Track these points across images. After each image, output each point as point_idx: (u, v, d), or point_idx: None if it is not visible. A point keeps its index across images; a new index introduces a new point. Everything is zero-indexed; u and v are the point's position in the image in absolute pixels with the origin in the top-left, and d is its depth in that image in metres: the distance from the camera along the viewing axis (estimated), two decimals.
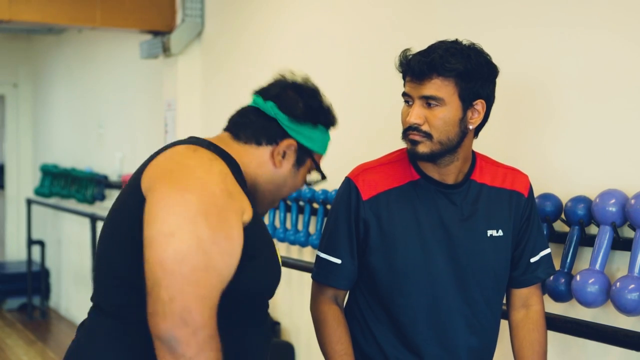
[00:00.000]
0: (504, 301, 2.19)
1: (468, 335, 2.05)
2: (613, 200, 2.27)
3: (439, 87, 1.92)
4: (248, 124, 1.78)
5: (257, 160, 1.77)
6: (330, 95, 1.69)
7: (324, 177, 1.89)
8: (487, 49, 2.06)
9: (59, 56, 7.83)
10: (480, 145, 2.24)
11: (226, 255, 1.54)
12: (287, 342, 4.00)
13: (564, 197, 2.45)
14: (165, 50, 4.93)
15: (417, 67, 1.92)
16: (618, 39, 2.35)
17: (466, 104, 1.95)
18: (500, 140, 2.67)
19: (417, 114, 1.94)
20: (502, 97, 2.61)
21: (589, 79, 2.43)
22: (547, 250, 2.16)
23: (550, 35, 2.55)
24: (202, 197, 1.54)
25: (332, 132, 1.90)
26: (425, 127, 1.94)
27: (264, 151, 1.77)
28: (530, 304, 2.16)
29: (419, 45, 2.03)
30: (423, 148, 1.96)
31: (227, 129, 1.81)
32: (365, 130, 3.42)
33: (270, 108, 1.76)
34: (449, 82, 1.92)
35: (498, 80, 2.05)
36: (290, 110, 1.77)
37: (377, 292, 2.07)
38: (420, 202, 2.03)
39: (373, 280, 2.07)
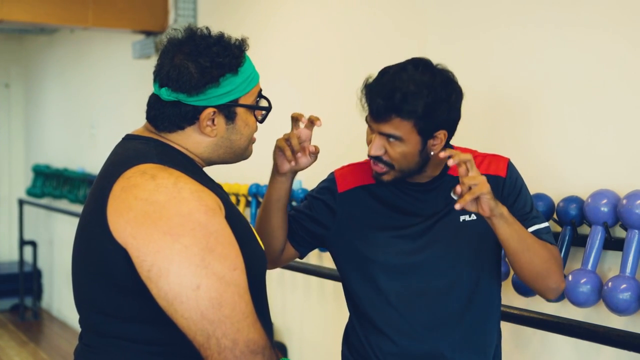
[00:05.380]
0: (503, 302, 2.18)
1: (449, 326, 2.02)
2: (605, 201, 2.27)
3: (397, 127, 1.91)
4: (160, 116, 1.69)
5: (191, 141, 1.70)
6: (323, 95, 1.69)
7: (269, 107, 1.78)
8: (479, 49, 2.06)
9: (51, 56, 7.81)
10: (472, 145, 2.24)
11: (244, 269, 1.56)
12: (280, 342, 4.00)
13: (556, 197, 2.45)
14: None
15: (374, 111, 1.93)
16: (612, 38, 2.35)
17: (426, 137, 1.94)
18: (491, 141, 2.67)
19: (377, 146, 1.96)
20: (494, 97, 2.61)
21: (581, 80, 2.43)
22: (540, 225, 2.05)
23: (542, 35, 2.55)
24: (195, 234, 1.50)
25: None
26: (386, 157, 1.96)
27: (191, 131, 1.69)
28: None
29: (410, 46, 2.02)
30: (387, 177, 1.99)
31: (148, 120, 1.73)
32: (355, 132, 3.41)
33: (167, 95, 1.65)
34: (408, 122, 1.91)
35: (491, 80, 2.05)
36: (185, 86, 1.63)
37: (354, 290, 2.09)
38: (395, 198, 2.06)
39: (350, 280, 2.10)
